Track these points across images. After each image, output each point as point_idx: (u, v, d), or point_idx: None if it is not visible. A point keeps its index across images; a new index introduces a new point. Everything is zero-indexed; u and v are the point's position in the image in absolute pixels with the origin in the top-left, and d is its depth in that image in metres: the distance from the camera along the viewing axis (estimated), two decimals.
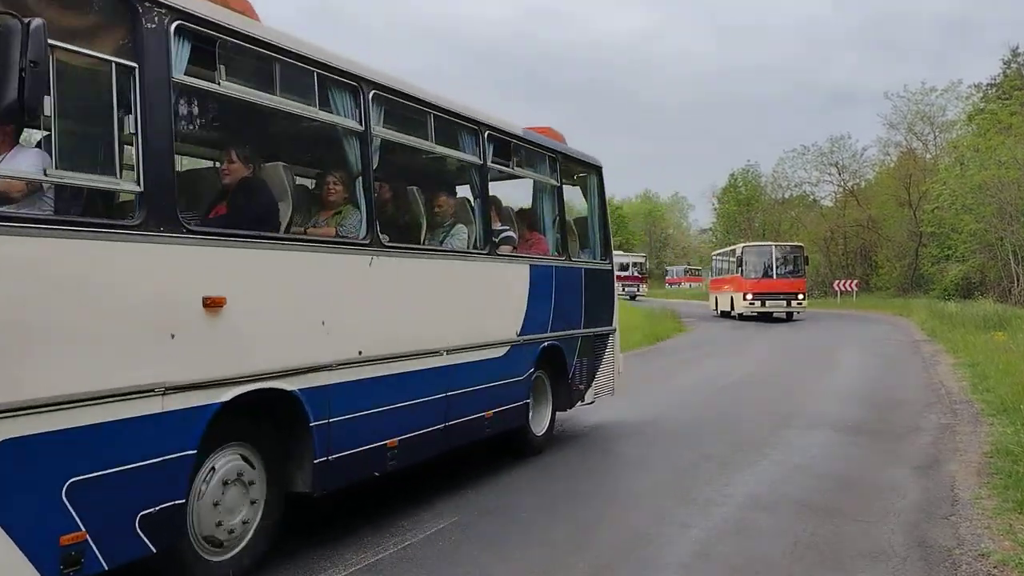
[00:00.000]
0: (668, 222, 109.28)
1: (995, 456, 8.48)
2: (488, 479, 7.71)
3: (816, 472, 7.99)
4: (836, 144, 57.38)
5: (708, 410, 11.70)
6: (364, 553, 5.61)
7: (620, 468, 8.41)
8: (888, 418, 10.99)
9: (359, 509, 6.76)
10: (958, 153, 41.40)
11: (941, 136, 50.70)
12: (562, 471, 8.12)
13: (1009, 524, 6.26)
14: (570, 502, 6.98)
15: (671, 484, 7.58)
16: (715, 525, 6.29)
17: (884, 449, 9.09)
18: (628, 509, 6.81)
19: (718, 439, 9.61)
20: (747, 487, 7.43)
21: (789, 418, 10.97)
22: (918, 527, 6.25)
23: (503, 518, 6.49)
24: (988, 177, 32.54)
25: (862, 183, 58.04)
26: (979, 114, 41.84)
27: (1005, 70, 47.06)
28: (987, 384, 13.12)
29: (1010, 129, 34.08)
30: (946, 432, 10.00)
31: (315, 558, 5.54)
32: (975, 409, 11.53)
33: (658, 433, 10.02)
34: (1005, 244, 32.96)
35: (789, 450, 9.01)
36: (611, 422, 10.71)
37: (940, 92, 49.04)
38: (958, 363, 17.02)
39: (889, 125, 53.18)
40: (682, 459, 8.59)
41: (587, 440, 9.65)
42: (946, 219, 40.41)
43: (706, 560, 5.50)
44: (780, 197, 64.60)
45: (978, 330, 20.94)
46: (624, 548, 5.75)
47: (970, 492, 7.22)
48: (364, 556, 5.55)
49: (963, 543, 5.87)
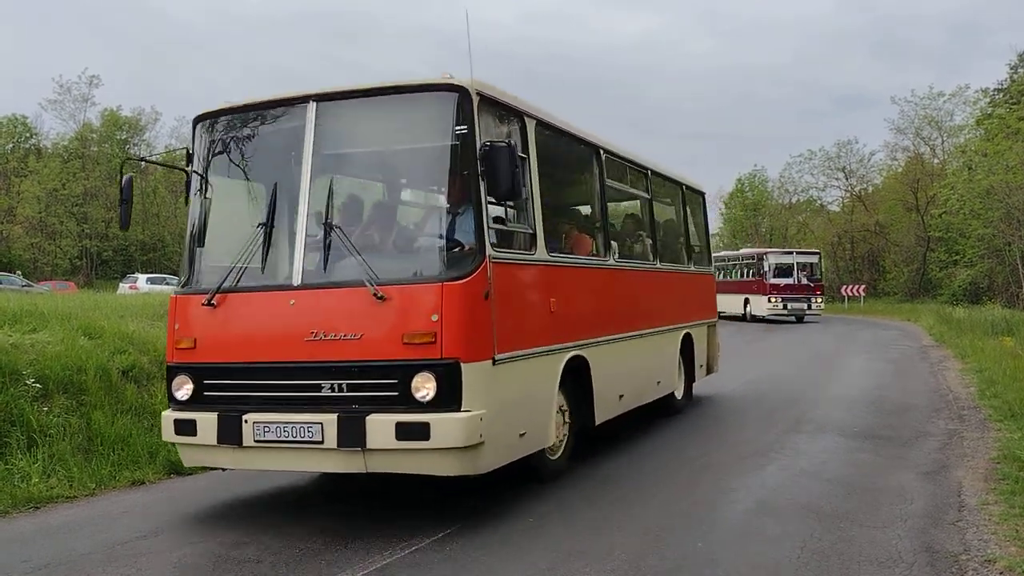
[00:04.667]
0: None
1: (1002, 462, 8.47)
2: (492, 496, 7.74)
3: (823, 477, 7.99)
4: (843, 149, 57.34)
5: (712, 415, 11.70)
6: (372, 557, 5.64)
7: (626, 471, 8.42)
8: (895, 423, 10.98)
9: (367, 513, 6.80)
10: (966, 158, 41.28)
11: (949, 141, 50.59)
12: (572, 480, 8.14)
13: (1016, 530, 6.26)
14: (587, 508, 7.00)
15: (679, 487, 7.60)
16: (721, 530, 6.31)
17: (891, 454, 9.08)
18: (645, 507, 6.83)
19: (724, 444, 9.62)
20: (753, 492, 7.44)
21: (796, 423, 10.96)
22: (925, 533, 6.25)
23: (509, 524, 6.52)
24: (996, 182, 32.47)
25: (869, 188, 57.97)
26: (987, 119, 41.71)
27: (1012, 75, 46.98)
28: (995, 390, 13.09)
29: (1018, 134, 33.96)
30: (953, 438, 9.98)
31: (323, 563, 5.57)
32: (982, 415, 11.51)
33: (660, 438, 10.04)
34: (1013, 249, 32.87)
35: (796, 455, 9.01)
36: (616, 425, 10.73)
37: (948, 97, 49.06)
38: (966, 368, 16.99)
39: (896, 130, 53.13)
40: (688, 464, 8.61)
41: (594, 447, 9.67)
42: (954, 224, 40.35)
43: (712, 566, 5.51)
44: (787, 202, 64.51)
45: (986, 335, 20.88)
46: (630, 552, 5.77)
47: (977, 498, 7.22)
48: (373, 560, 5.58)
49: (970, 549, 5.87)
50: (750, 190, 69.04)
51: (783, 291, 36.16)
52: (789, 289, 36.23)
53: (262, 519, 6.79)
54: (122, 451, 8.40)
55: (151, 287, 34.27)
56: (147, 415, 9.16)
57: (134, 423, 8.88)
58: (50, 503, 7.34)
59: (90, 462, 8.11)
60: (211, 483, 8.11)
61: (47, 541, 6.29)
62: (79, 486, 7.69)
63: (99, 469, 8.03)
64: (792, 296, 36.19)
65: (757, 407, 12.46)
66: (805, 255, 38.79)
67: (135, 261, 58.00)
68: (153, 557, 5.86)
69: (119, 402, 9.04)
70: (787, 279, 36.45)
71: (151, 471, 8.29)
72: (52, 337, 9.65)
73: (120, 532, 6.48)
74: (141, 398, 9.35)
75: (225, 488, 7.88)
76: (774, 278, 36.49)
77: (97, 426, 8.50)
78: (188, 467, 8.13)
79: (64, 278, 46.65)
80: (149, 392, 9.54)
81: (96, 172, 59.27)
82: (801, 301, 36.29)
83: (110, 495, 7.71)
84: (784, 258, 37.85)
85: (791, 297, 36.18)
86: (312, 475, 8.28)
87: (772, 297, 36.03)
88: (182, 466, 8.41)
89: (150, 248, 60.35)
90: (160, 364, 10.07)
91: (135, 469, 8.23)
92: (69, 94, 60.68)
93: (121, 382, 9.37)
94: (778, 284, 36.33)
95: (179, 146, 63.68)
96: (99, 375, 9.11)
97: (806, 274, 37.04)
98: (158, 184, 61.83)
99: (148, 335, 10.90)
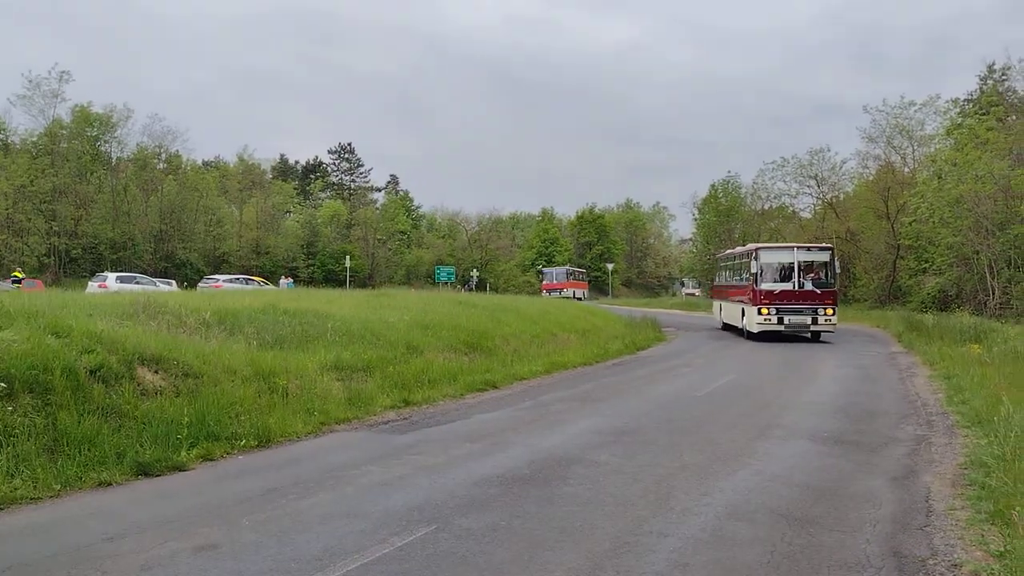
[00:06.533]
0: (649, 231, 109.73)
1: (969, 467, 8.59)
2: (471, 486, 7.71)
3: (793, 482, 8.05)
4: (815, 156, 57.71)
5: (685, 420, 11.75)
6: (345, 559, 5.60)
7: (599, 477, 8.43)
8: (865, 429, 11.09)
9: (355, 512, 6.75)
10: (936, 167, 41.75)
11: (919, 150, 51.16)
12: (540, 479, 8.13)
13: (982, 535, 6.35)
14: (548, 507, 6.99)
15: (650, 493, 7.61)
16: (692, 534, 6.33)
17: (861, 460, 9.17)
18: (608, 517, 6.83)
19: (696, 449, 9.66)
20: (725, 496, 7.47)
21: (767, 429, 11.04)
22: (893, 537, 6.31)
23: (489, 523, 6.50)
24: (965, 191, 32.88)
25: (841, 195, 58.44)
26: (957, 129, 42.23)
27: (982, 86, 47.70)
28: (962, 396, 13.26)
29: (987, 144, 34.46)
30: (922, 444, 10.10)
31: (294, 565, 5.52)
32: (950, 421, 11.66)
33: (636, 442, 10.06)
34: (981, 258, 33.30)
35: (767, 460, 9.07)
36: (590, 431, 10.74)
37: (919, 106, 49.50)
38: (934, 375, 17.20)
39: (868, 138, 53.59)
40: (660, 468, 8.63)
41: (570, 448, 9.67)
42: (924, 232, 40.76)
43: (684, 569, 5.52)
44: (760, 208, 64.97)
45: (954, 342, 21.15)
46: (604, 556, 5.77)
47: (944, 503, 7.31)
48: (357, 556, 5.54)
49: (937, 553, 5.94)
50: (724, 196, 69.45)
51: (778, 299, 27.03)
52: (787, 297, 27.03)
53: (232, 521, 6.71)
54: (89, 452, 8.27)
55: (121, 286, 33.81)
56: (115, 415, 9.03)
57: (102, 423, 8.74)
58: (14, 504, 7.20)
59: (56, 463, 7.98)
60: (181, 485, 8.01)
61: (10, 543, 6.18)
62: (44, 487, 7.56)
63: (65, 470, 7.90)
64: (791, 306, 26.96)
65: (727, 413, 12.52)
66: (810, 251, 28.80)
67: (105, 259, 57.11)
68: (119, 559, 5.78)
69: (86, 402, 8.90)
70: (785, 284, 27.27)
71: (118, 472, 8.16)
72: (18, 335, 9.48)
73: (86, 534, 6.38)
74: (109, 398, 9.21)
75: (194, 490, 7.79)
76: (766, 282, 27.42)
77: (63, 426, 8.36)
78: (156, 470, 8.07)
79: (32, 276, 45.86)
80: (117, 392, 9.40)
81: (65, 169, 58.38)
82: (804, 313, 26.89)
83: (76, 496, 7.58)
84: (780, 255, 28.52)
85: (790, 307, 26.97)
86: (284, 477, 8.21)
87: (764, 307, 27.12)
88: (150, 467, 8.33)
89: (120, 247, 59.50)
90: (129, 364, 9.95)
91: (102, 470, 8.10)
92: (39, 89, 59.76)
93: (89, 381, 9.22)
94: (772, 291, 27.21)
95: (151, 144, 63.18)
96: (66, 374, 8.96)
97: (812, 277, 27.47)
98: (129, 182, 61.16)
99: (117, 334, 10.75)
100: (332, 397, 12.03)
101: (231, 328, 14.13)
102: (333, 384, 12.64)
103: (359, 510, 6.98)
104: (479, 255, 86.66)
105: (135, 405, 9.37)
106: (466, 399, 13.91)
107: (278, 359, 12.55)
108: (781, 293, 27.11)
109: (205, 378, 10.67)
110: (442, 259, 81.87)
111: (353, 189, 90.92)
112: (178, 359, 10.72)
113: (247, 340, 13.54)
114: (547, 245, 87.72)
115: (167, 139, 64.68)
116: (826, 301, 27.05)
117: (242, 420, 10.02)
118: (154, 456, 8.54)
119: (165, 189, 62.09)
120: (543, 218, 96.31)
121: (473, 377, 15.43)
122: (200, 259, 62.42)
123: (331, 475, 8.30)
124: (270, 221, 71.80)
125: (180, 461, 8.66)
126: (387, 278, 73.98)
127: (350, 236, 76.34)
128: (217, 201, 67.54)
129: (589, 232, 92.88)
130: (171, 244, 61.39)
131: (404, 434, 10.62)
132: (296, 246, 71.67)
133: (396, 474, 8.32)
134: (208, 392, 10.26)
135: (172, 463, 8.57)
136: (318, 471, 8.50)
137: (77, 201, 58.12)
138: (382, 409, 12.28)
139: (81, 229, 58.18)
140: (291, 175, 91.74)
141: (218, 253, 65.37)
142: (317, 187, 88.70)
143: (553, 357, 19.62)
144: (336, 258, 69.09)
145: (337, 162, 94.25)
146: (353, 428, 11.06)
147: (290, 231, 73.45)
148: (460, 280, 75.84)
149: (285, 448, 9.75)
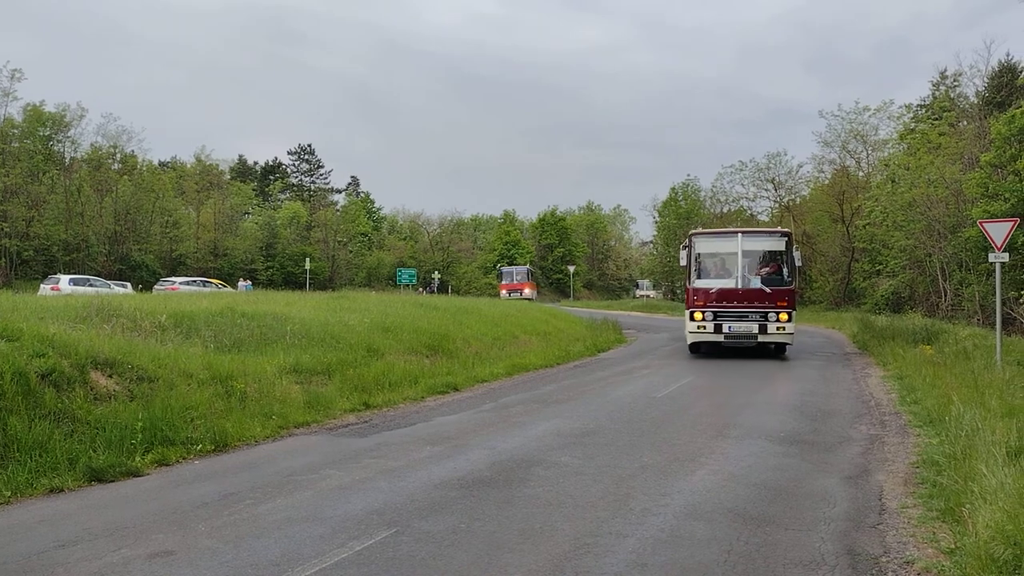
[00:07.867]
0: (610, 234, 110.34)
1: (921, 466, 8.76)
2: (431, 489, 7.69)
3: (750, 482, 8.14)
4: (773, 160, 58.52)
5: (645, 421, 11.83)
6: (318, 557, 5.55)
7: (560, 478, 8.46)
8: (820, 429, 11.25)
9: (313, 516, 6.69)
10: (889, 171, 42.56)
11: (873, 154, 52.12)
12: (500, 481, 8.14)
13: (933, 532, 6.48)
14: (508, 509, 7.00)
15: (610, 494, 7.65)
16: (651, 534, 6.38)
17: (816, 459, 9.31)
18: (568, 518, 6.85)
19: (656, 450, 9.73)
20: (683, 496, 7.54)
21: (725, 428, 11.15)
22: (847, 535, 6.42)
23: (449, 525, 6.48)
24: (918, 195, 33.53)
25: (797, 199, 59.28)
26: (910, 134, 43.07)
27: (934, 91, 48.71)
28: (915, 396, 13.52)
29: (939, 149, 35.18)
30: (875, 443, 10.28)
31: (267, 564, 5.46)
32: (903, 420, 11.88)
33: (597, 444, 10.11)
34: (933, 260, 33.96)
35: (724, 460, 9.16)
36: (551, 433, 10.77)
37: (873, 111, 50.45)
38: (887, 375, 17.52)
39: (824, 143, 54.44)
40: (620, 469, 8.68)
41: (531, 450, 9.69)
42: (877, 235, 41.51)
43: (643, 569, 5.56)
44: (719, 211, 65.66)
45: (907, 343, 21.53)
46: (564, 557, 5.79)
47: (897, 501, 7.45)
48: (316, 561, 5.49)
49: (889, 551, 6.05)
50: (683, 199, 70.12)
51: (716, 301, 21.10)
52: (727, 298, 21.00)
53: (188, 527, 6.62)
54: (40, 457, 8.11)
55: (74, 288, 33.17)
56: (67, 420, 8.86)
57: (53, 428, 8.57)
58: None
59: (5, 469, 7.80)
60: (135, 490, 7.88)
61: None
62: None
63: (15, 476, 7.73)
64: (732, 310, 21.02)
65: (685, 413, 12.63)
66: (760, 238, 22.72)
67: (57, 261, 55.96)
68: (72, 567, 5.67)
69: (37, 407, 8.71)
70: (725, 280, 21.43)
71: (71, 478, 8.01)
72: None
73: (37, 542, 6.25)
74: (61, 402, 9.03)
75: (148, 496, 7.67)
76: (702, 279, 21.79)
77: (13, 431, 8.18)
78: (110, 476, 7.93)
79: None
80: (69, 396, 9.22)
81: (17, 169, 57.04)
82: (749, 319, 20.92)
83: (26, 503, 7.43)
84: (720, 243, 22.59)
85: (731, 311, 21.02)
86: (241, 481, 8.12)
87: (697, 311, 21.35)
88: (104, 473, 8.18)
89: (73, 248, 58.29)
90: (81, 368, 9.76)
91: (54, 476, 7.95)
92: None
93: (40, 386, 9.03)
94: (707, 290, 21.35)
95: (106, 144, 62.03)
96: (16, 379, 8.76)
97: (766, 270, 21.44)
98: (83, 182, 60.02)
99: (70, 338, 10.55)
100: (291, 400, 11.93)
101: (187, 331, 13.95)
102: (292, 387, 12.53)
103: (318, 514, 6.93)
104: (441, 257, 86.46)
105: (88, 410, 9.20)
106: (427, 402, 13.87)
107: (236, 362, 12.41)
108: (720, 292, 21.10)
109: (160, 382, 10.52)
110: (404, 261, 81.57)
111: (313, 191, 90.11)
112: (133, 363, 10.55)
113: (204, 343, 13.37)
114: (509, 247, 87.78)
115: (122, 139, 63.40)
116: (779, 303, 20.77)
117: (198, 424, 9.88)
118: (108, 461, 8.39)
119: (120, 190, 60.90)
120: (505, 220, 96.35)
121: (434, 380, 15.39)
122: (156, 261, 61.40)
123: (289, 479, 8.23)
124: (228, 223, 70.83)
125: (134, 466, 8.52)
126: (348, 280, 73.45)
127: (310, 238, 75.64)
128: (174, 202, 66.43)
129: (551, 234, 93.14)
130: (126, 246, 60.27)
131: (364, 437, 10.56)
132: (255, 248, 70.76)
133: (355, 478, 8.27)
134: (163, 396, 10.11)
135: (126, 468, 8.43)
136: (276, 475, 8.42)
137: (29, 202, 56.76)
138: (342, 412, 12.21)
139: (33, 230, 56.89)
140: (250, 176, 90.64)
141: (175, 255, 64.34)
142: (276, 188, 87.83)
143: (515, 359, 19.65)
144: (296, 260, 68.44)
145: (297, 163, 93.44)
146: (312, 432, 10.98)
147: (249, 233, 72.47)
148: (422, 282, 75.60)
149: (243, 452, 9.65)
